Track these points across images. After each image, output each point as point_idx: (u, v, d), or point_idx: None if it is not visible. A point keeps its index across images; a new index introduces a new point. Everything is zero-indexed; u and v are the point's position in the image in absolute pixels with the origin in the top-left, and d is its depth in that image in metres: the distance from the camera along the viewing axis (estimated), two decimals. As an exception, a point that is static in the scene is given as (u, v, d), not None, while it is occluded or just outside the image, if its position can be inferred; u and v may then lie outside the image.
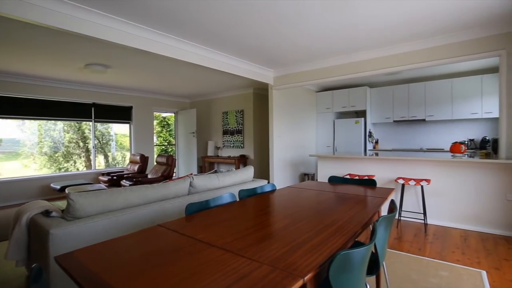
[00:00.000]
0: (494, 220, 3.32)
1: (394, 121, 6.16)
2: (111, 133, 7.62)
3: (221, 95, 7.48)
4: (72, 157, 6.77)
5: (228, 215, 1.64)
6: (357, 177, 3.86)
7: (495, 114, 4.84)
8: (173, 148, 8.89)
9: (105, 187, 5.01)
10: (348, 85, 6.54)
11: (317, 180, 5.21)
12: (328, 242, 1.20)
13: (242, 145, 6.99)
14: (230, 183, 3.23)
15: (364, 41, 3.71)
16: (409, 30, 3.36)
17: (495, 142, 3.90)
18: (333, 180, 2.79)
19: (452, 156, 3.74)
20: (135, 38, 3.09)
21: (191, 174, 3.10)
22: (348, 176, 4.08)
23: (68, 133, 6.72)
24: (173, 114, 8.69)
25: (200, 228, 1.40)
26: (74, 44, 3.59)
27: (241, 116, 6.96)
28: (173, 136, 8.93)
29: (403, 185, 3.67)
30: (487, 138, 5.03)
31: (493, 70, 5.07)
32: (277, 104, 5.50)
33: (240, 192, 2.11)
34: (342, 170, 4.47)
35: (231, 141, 7.24)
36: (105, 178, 5.93)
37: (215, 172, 3.62)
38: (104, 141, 7.43)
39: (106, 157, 7.49)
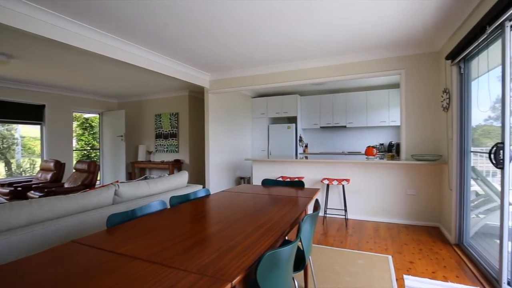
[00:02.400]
0: (398, 212, 3.93)
1: (321, 127, 6.78)
2: (16, 135, 6.42)
3: (154, 97, 7.06)
4: (-43, 165, 5.46)
5: (157, 224, 1.55)
6: (288, 179, 4.09)
7: (398, 122, 5.76)
8: (97, 153, 7.98)
9: (5, 201, 4.18)
10: (281, 92, 6.92)
11: (252, 183, 5.34)
12: (258, 243, 1.24)
13: (176, 149, 6.71)
14: (162, 189, 3.05)
15: (294, 53, 3.99)
16: (331, 47, 3.75)
17: (398, 146, 4.63)
18: (266, 182, 2.90)
19: (366, 158, 4.31)
20: (48, 27, 2.69)
21: (117, 181, 2.83)
22: (280, 178, 4.30)
23: (-49, 135, 5.40)
24: (97, 115, 7.81)
25: (123, 241, 1.28)
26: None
27: (176, 119, 6.69)
28: (98, 140, 8.02)
29: (327, 185, 4.05)
30: (392, 142, 5.94)
31: (397, 86, 6.04)
32: (213, 108, 5.47)
33: (171, 199, 2.02)
34: (275, 173, 4.69)
35: (164, 145, 6.88)
36: (6, 190, 4.94)
37: (145, 178, 3.39)
38: (5, 145, 6.21)
39: (8, 164, 6.27)
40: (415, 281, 2.28)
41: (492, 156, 2.09)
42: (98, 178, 6.76)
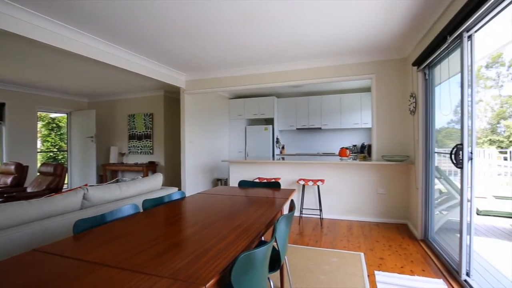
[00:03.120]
0: (370, 210, 4.09)
1: (297, 128, 6.91)
2: (-29, 136, 5.89)
3: (127, 96, 6.81)
4: None
5: (128, 228, 1.49)
6: (265, 180, 4.12)
7: (370, 125, 6.02)
8: (65, 155, 7.54)
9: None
10: (258, 94, 6.97)
11: (229, 184, 5.31)
12: (234, 244, 1.24)
13: (151, 151, 6.51)
14: (134, 193, 2.95)
15: (271, 56, 4.04)
16: (307, 51, 3.84)
17: (370, 147, 4.84)
18: (243, 184, 2.90)
19: (340, 159, 4.45)
20: (29, 27, 2.59)
21: (86, 184, 2.69)
22: (257, 180, 4.32)
23: None
24: (65, 115, 7.39)
25: (90, 247, 1.22)
26: None
27: (150, 119, 6.50)
28: (65, 141, 7.58)
29: (303, 186, 4.13)
30: (365, 144, 6.19)
31: (369, 89, 6.30)
32: (189, 108, 5.38)
33: (144, 202, 1.95)
34: (252, 174, 4.70)
35: (138, 147, 6.66)
36: (-42, 196, 4.52)
37: (117, 181, 3.26)
38: (-43, 147, 5.67)
39: (-40, 168, 5.72)
40: (385, 277, 2.38)
41: (453, 156, 2.24)
42: (66, 182, 6.38)
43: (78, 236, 1.39)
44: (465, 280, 2.17)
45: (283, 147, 7.14)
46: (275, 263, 1.68)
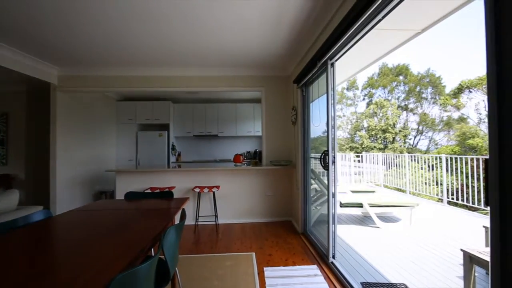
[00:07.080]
0: (260, 211, 4.44)
1: (194, 135, 6.83)
2: None
3: (-36, 89, 5.09)
4: None
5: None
6: (158, 190, 3.86)
7: (261, 133, 6.59)
8: None
9: None
10: (152, 97, 6.52)
11: (116, 197, 4.68)
12: (112, 265, 1.10)
13: (4, 160, 5.06)
14: (-29, 218, 2.21)
15: (166, 59, 3.86)
16: (204, 59, 3.87)
17: (260, 153, 5.28)
18: (130, 196, 2.62)
19: (235, 165, 4.66)
20: None
21: None
22: (149, 190, 4.00)
23: None
24: None
25: None
26: None
27: (4, 121, 5.07)
28: None
29: (199, 193, 4.10)
30: (257, 150, 6.71)
31: (260, 101, 6.91)
32: (63, 109, 4.49)
33: (-16, 229, 1.49)
34: (144, 184, 4.33)
35: (-18, 156, 5.05)
36: None
37: None
38: None
39: None
40: (272, 271, 2.62)
41: (321, 160, 2.71)
42: None
43: None
44: (332, 262, 2.64)
45: (179, 154, 6.90)
46: (165, 277, 1.58)
